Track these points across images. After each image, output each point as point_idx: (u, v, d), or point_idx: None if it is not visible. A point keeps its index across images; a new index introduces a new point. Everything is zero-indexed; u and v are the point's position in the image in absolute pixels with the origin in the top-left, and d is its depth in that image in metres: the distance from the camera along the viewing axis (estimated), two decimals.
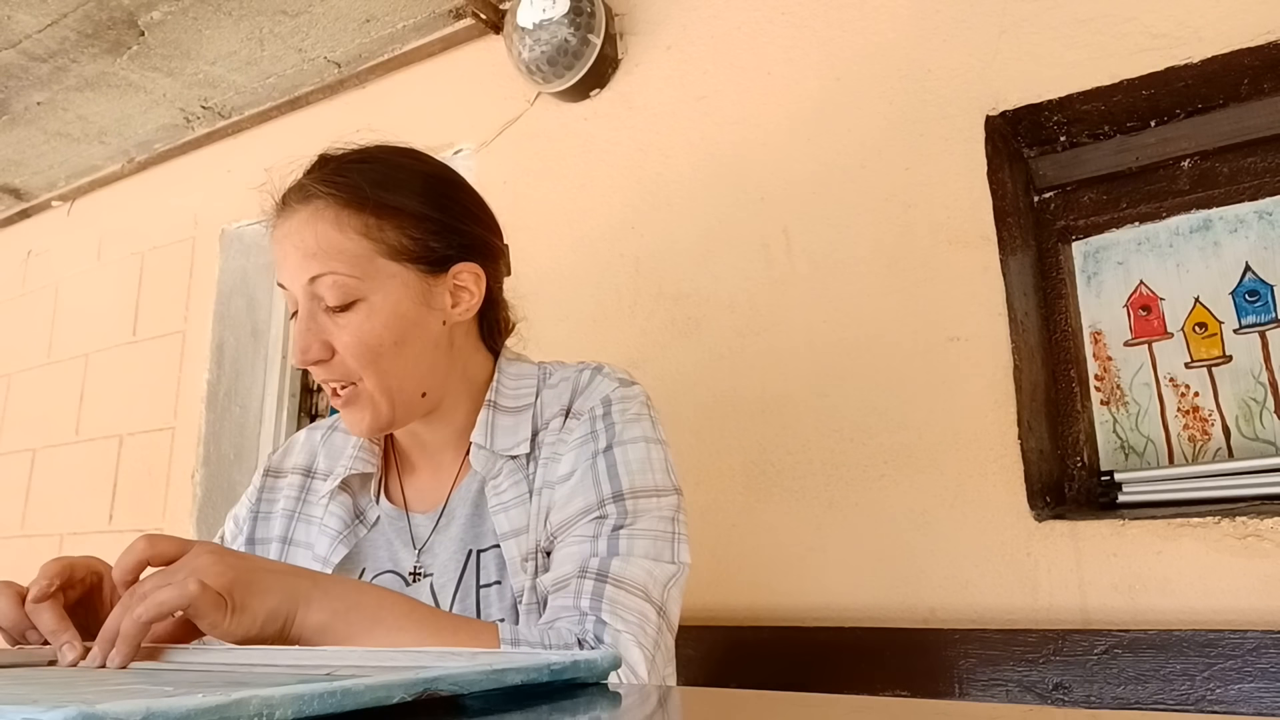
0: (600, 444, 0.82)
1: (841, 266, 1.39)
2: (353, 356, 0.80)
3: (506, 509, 0.82)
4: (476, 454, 0.85)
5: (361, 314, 0.80)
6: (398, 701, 0.36)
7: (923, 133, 1.36)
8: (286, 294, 0.84)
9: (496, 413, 0.86)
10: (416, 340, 0.83)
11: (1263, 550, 1.04)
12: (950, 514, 1.23)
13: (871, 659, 1.17)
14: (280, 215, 0.85)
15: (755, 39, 1.55)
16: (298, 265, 0.81)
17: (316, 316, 0.81)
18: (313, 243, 0.81)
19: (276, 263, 0.85)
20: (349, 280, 0.80)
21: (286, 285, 0.83)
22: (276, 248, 0.84)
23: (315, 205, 0.82)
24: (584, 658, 0.46)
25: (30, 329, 2.64)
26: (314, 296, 0.81)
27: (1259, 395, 1.24)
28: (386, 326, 0.81)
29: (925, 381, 1.29)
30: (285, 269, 0.83)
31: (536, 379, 0.90)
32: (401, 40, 1.95)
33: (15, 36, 1.88)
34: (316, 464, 0.96)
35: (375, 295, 0.81)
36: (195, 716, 0.30)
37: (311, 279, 0.80)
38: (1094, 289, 1.38)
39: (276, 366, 2.23)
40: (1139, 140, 1.33)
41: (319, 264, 0.80)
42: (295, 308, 0.83)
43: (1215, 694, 0.98)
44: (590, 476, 0.80)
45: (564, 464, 0.82)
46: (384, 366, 0.81)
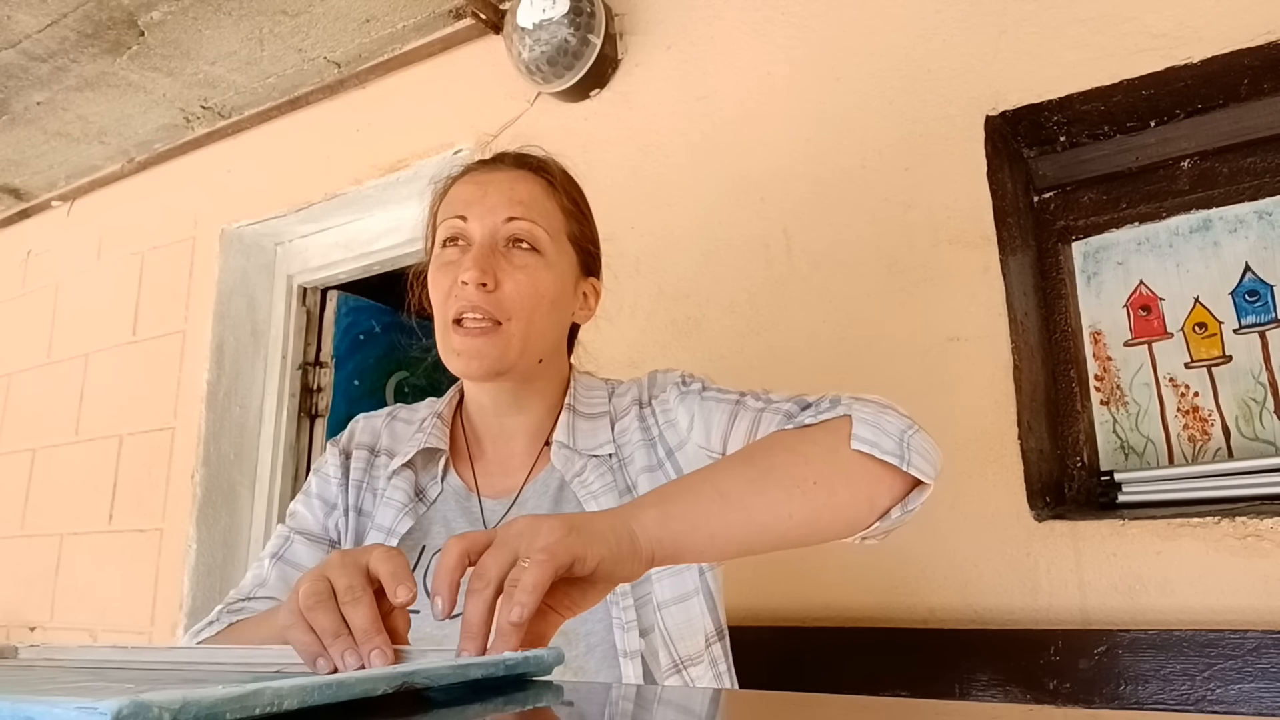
0: (696, 389, 0.91)
1: (841, 266, 1.39)
2: (519, 293, 0.86)
3: (596, 497, 0.88)
4: (559, 452, 0.91)
5: (541, 264, 0.89)
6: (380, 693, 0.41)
7: (923, 133, 1.36)
8: (457, 225, 0.89)
9: (576, 417, 0.93)
10: (561, 312, 0.92)
11: (1263, 550, 1.04)
12: (950, 514, 1.23)
13: (871, 659, 1.17)
14: (481, 168, 0.93)
15: (755, 39, 1.55)
16: (501, 203, 0.88)
17: (496, 251, 0.87)
18: (524, 193, 0.90)
19: (459, 200, 0.90)
20: (542, 233, 0.89)
21: (472, 218, 0.88)
22: (470, 188, 0.91)
23: (525, 172, 0.92)
24: (534, 654, 0.50)
25: (30, 329, 2.64)
26: (502, 235, 0.88)
27: (1259, 395, 1.24)
28: (553, 284, 0.90)
29: (925, 381, 1.29)
30: (481, 204, 0.88)
31: (606, 391, 0.98)
32: (401, 40, 1.95)
33: (15, 36, 1.88)
34: (380, 443, 0.99)
35: (553, 256, 0.90)
36: (223, 705, 0.33)
37: (512, 218, 0.88)
38: (1094, 289, 1.38)
39: (276, 366, 2.23)
40: (1139, 140, 1.33)
41: (524, 209, 0.88)
42: (453, 235, 0.89)
43: (1215, 694, 0.98)
44: (710, 402, 0.88)
45: (681, 420, 0.90)
46: (534, 316, 0.88)
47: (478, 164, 0.95)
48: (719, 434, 0.86)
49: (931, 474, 0.74)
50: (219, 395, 2.16)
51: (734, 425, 0.85)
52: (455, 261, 0.87)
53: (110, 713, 0.30)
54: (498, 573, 0.54)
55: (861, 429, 0.72)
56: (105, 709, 0.30)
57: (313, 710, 0.37)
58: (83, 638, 2.17)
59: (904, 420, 0.75)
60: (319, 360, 2.28)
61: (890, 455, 0.71)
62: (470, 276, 0.84)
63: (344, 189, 2.04)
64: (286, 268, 2.30)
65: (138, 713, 0.30)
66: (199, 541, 2.05)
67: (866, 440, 0.71)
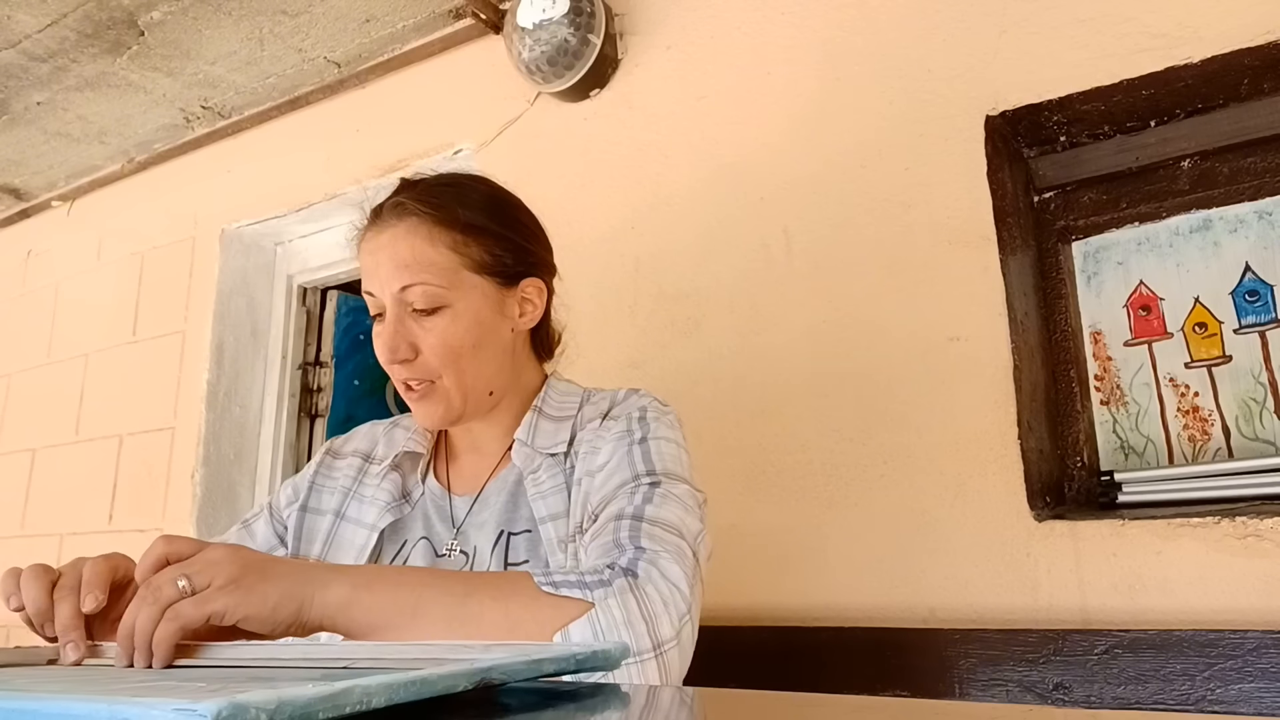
0: (635, 436, 0.90)
1: (841, 266, 1.39)
2: (436, 356, 0.89)
3: (544, 496, 0.90)
4: (519, 450, 0.94)
5: (447, 319, 0.90)
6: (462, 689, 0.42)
7: (923, 133, 1.36)
8: (372, 300, 0.92)
9: (541, 418, 0.96)
10: (491, 345, 0.93)
11: (1263, 550, 1.04)
12: (950, 514, 1.23)
13: (871, 659, 1.17)
14: (373, 228, 0.93)
15: (755, 39, 1.55)
16: (391, 274, 0.89)
17: (404, 321, 0.90)
18: (407, 255, 0.89)
19: (365, 271, 0.93)
20: (438, 289, 0.89)
21: (375, 292, 0.91)
22: (368, 258, 0.92)
23: (410, 222, 0.91)
24: (600, 649, 0.52)
25: (30, 329, 2.64)
26: (403, 303, 0.90)
27: (1259, 395, 1.24)
28: (468, 331, 0.91)
29: (925, 381, 1.29)
30: (377, 277, 0.91)
31: (580, 398, 1.00)
32: (401, 40, 1.95)
33: (15, 36, 1.88)
34: (376, 451, 1.04)
35: (460, 303, 0.90)
36: (316, 704, 0.34)
37: (404, 287, 0.89)
38: (1094, 289, 1.38)
39: (276, 366, 2.23)
40: (1139, 140, 1.33)
41: (411, 274, 0.89)
42: (379, 312, 0.91)
43: (1215, 694, 0.98)
44: (627, 460, 0.88)
45: (601, 454, 0.90)
46: (462, 366, 0.91)
47: (371, 219, 0.95)
48: (599, 498, 0.86)
49: None
50: (219, 395, 2.16)
51: (608, 503, 0.84)
52: (380, 334, 0.91)
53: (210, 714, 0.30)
54: (168, 594, 0.62)
55: (579, 630, 0.69)
56: (204, 710, 0.30)
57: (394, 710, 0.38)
58: None
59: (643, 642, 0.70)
60: (319, 360, 2.28)
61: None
62: (384, 358, 0.90)
63: (344, 189, 2.04)
64: (286, 268, 2.30)
65: (236, 714, 0.31)
66: None
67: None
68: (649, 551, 0.76)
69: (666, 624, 0.72)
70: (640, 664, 0.70)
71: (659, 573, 0.74)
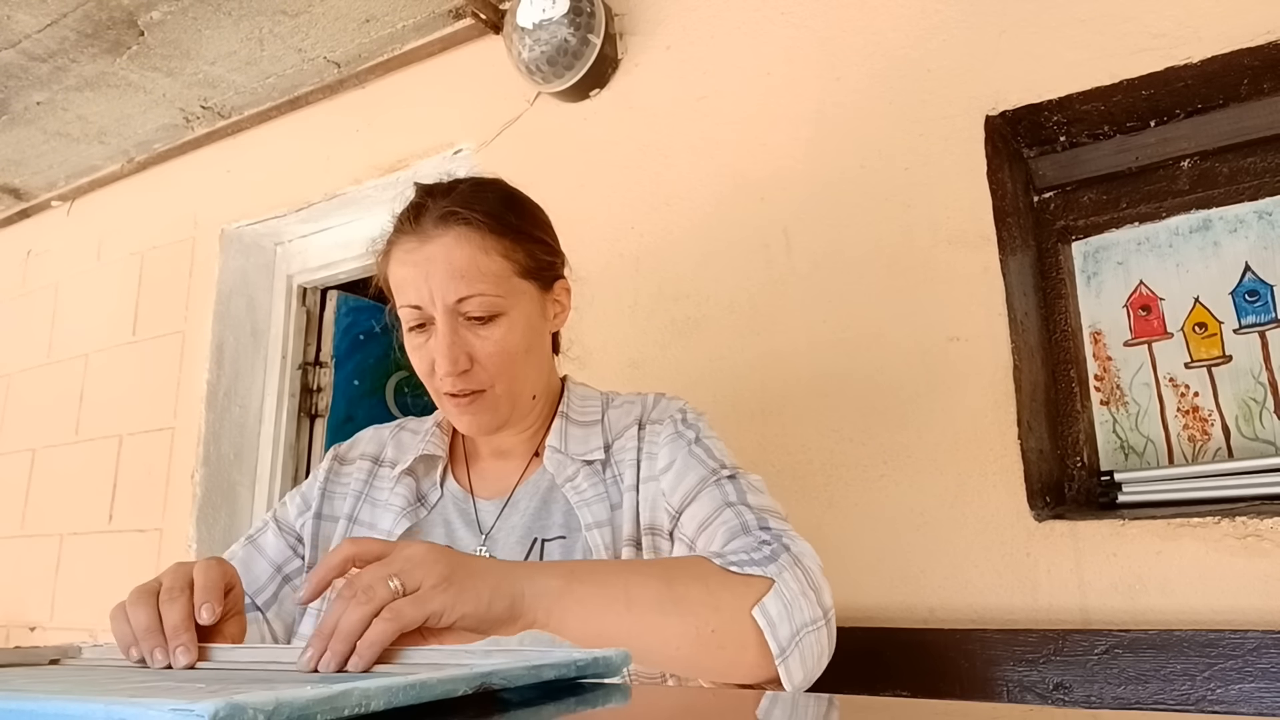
0: (690, 437, 0.91)
1: (841, 266, 1.39)
2: (494, 364, 0.89)
3: (589, 504, 0.90)
4: (551, 456, 0.93)
5: (504, 327, 0.89)
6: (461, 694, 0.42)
7: (923, 133, 1.36)
8: (416, 312, 0.89)
9: (569, 424, 0.96)
10: (538, 349, 0.94)
11: (1263, 550, 1.04)
12: (950, 514, 1.23)
13: (871, 659, 1.17)
14: (412, 238, 0.90)
15: (755, 39, 1.55)
16: (446, 285, 0.87)
17: (459, 331, 0.88)
18: (463, 265, 0.87)
19: (407, 282, 0.89)
20: (495, 298, 0.88)
21: (423, 304, 0.88)
22: (410, 270, 0.89)
23: (459, 230, 0.89)
24: (603, 655, 0.51)
25: (30, 329, 2.64)
26: (458, 314, 0.88)
27: (1259, 395, 1.24)
28: (523, 337, 0.91)
29: (925, 381, 1.29)
30: (427, 288, 0.88)
31: (601, 401, 1.00)
32: (401, 40, 1.95)
33: (15, 36, 1.88)
34: (385, 454, 1.02)
35: (514, 310, 0.90)
36: (314, 706, 0.34)
37: (461, 299, 0.87)
38: (1094, 289, 1.38)
39: (276, 366, 2.23)
40: (1139, 140, 1.33)
41: (469, 285, 0.87)
42: (422, 323, 0.89)
43: (1215, 694, 0.98)
44: (693, 459, 0.89)
45: (661, 458, 0.91)
46: (516, 373, 0.91)
47: (405, 228, 0.92)
48: (681, 494, 0.87)
49: (800, 682, 0.73)
50: (219, 395, 2.16)
51: (697, 497, 0.86)
52: (426, 345, 0.90)
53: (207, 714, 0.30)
54: (381, 595, 0.59)
55: (773, 603, 0.72)
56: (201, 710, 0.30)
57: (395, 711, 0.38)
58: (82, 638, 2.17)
59: (816, 610, 0.74)
60: (319, 360, 2.28)
61: (775, 645, 0.71)
62: (443, 370, 0.87)
63: (344, 189, 2.04)
64: (286, 268, 2.30)
65: (233, 715, 0.31)
66: (199, 541, 2.05)
67: (769, 618, 0.71)
68: (781, 531, 0.80)
69: (826, 592, 0.77)
70: (815, 631, 0.73)
71: (803, 548, 0.79)
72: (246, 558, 0.96)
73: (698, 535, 0.84)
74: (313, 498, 1.00)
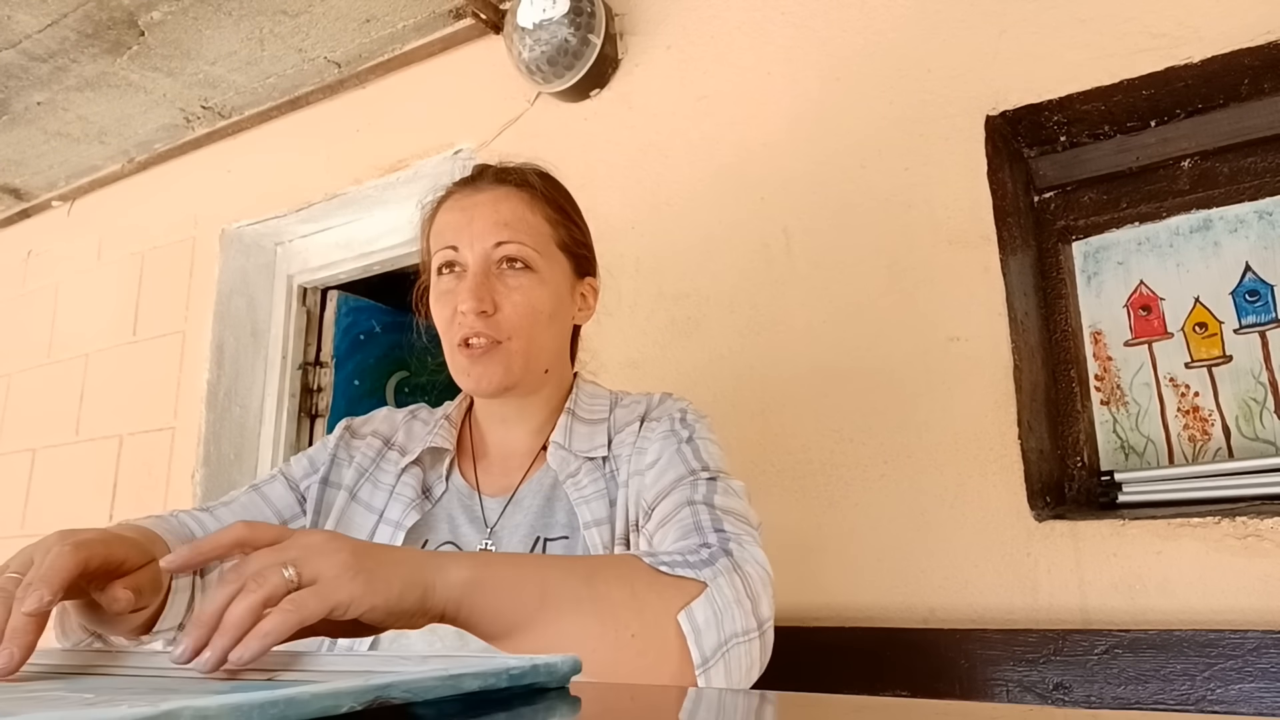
0: (682, 436, 0.90)
1: (841, 266, 1.39)
2: (517, 314, 0.90)
3: (588, 501, 0.89)
4: (555, 453, 0.93)
5: (534, 281, 0.92)
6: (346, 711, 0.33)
7: (923, 133, 1.36)
8: (451, 254, 0.92)
9: (575, 421, 0.96)
10: (559, 322, 0.96)
11: (1263, 550, 1.04)
12: (950, 514, 1.23)
13: (871, 659, 1.17)
14: (464, 190, 0.96)
15: (755, 39, 1.55)
16: (487, 229, 0.91)
17: (489, 276, 0.91)
18: (508, 214, 0.92)
19: (448, 227, 0.93)
20: (531, 251, 0.92)
21: (461, 245, 0.91)
22: (456, 215, 0.94)
23: (508, 188, 0.94)
24: (544, 662, 0.43)
25: (30, 329, 2.64)
26: (493, 259, 0.91)
27: (1259, 395, 1.24)
28: (549, 298, 0.93)
29: (925, 381, 1.29)
30: (468, 231, 0.92)
31: (609, 400, 1.00)
32: (401, 40, 1.95)
33: (15, 36, 1.88)
34: (396, 437, 1.01)
35: (545, 271, 0.93)
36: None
37: (499, 243, 0.91)
38: (1094, 289, 1.38)
39: (276, 366, 2.23)
40: (1139, 140, 1.33)
41: (510, 232, 0.91)
42: (452, 265, 0.92)
43: (1215, 694, 0.98)
44: (678, 457, 0.88)
45: (649, 454, 0.90)
46: (535, 332, 0.92)
47: (460, 185, 0.98)
48: (655, 491, 0.85)
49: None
50: (219, 395, 2.16)
51: (669, 494, 0.84)
52: (453, 290, 0.91)
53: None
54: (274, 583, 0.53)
55: (701, 609, 0.67)
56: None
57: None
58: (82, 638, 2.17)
59: (750, 621, 0.70)
60: (319, 360, 2.28)
61: (698, 653, 0.66)
62: (467, 306, 0.88)
63: (344, 189, 2.04)
64: (286, 268, 2.30)
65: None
66: None
67: (695, 625, 0.66)
68: (733, 535, 0.77)
69: (765, 603, 0.73)
70: (746, 643, 0.70)
71: (749, 554, 0.76)
72: (249, 504, 0.95)
73: (655, 532, 0.82)
74: (321, 462, 0.99)
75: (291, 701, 0.31)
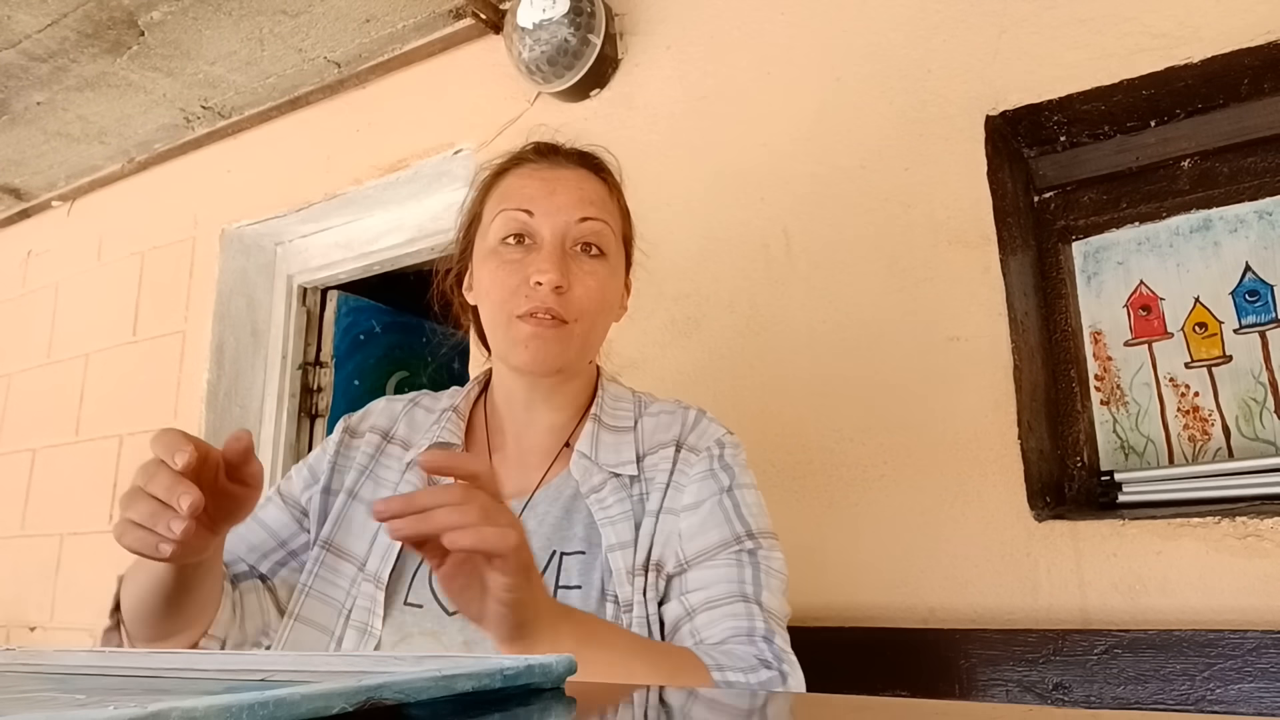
0: (724, 483, 0.88)
1: (841, 266, 1.39)
2: (587, 300, 0.87)
3: (614, 522, 0.85)
4: (579, 462, 0.89)
5: (607, 269, 0.90)
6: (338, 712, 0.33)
7: (923, 133, 1.36)
8: (525, 220, 0.87)
9: (601, 428, 0.92)
10: (612, 315, 0.95)
11: (1263, 550, 1.04)
12: (950, 514, 1.23)
13: (871, 659, 1.17)
14: (543, 162, 0.92)
15: (755, 39, 1.55)
16: (574, 204, 0.88)
17: (566, 252, 0.87)
18: (593, 195, 0.90)
19: (525, 193, 0.89)
20: (610, 237, 0.91)
21: (539, 213, 0.87)
22: (538, 183, 0.90)
23: (587, 173, 0.93)
24: (539, 662, 0.43)
25: (30, 329, 2.64)
26: (571, 237, 0.88)
27: (1259, 395, 1.24)
28: (613, 289, 0.92)
29: (925, 381, 1.29)
30: (551, 202, 0.88)
31: (633, 405, 0.96)
32: (401, 40, 1.95)
33: (15, 36, 1.88)
34: (396, 430, 0.97)
35: (613, 261, 0.92)
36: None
37: (585, 219, 0.88)
38: (1094, 289, 1.38)
39: (276, 366, 2.23)
40: (1139, 140, 1.33)
41: (598, 210, 0.89)
42: (517, 233, 0.88)
43: (1215, 694, 0.98)
44: (720, 512, 0.86)
45: (688, 494, 0.87)
46: (596, 321, 0.90)
47: (535, 155, 0.94)
48: (695, 549, 0.84)
49: None
50: (219, 395, 2.16)
51: (712, 562, 0.83)
52: (520, 260, 0.87)
53: None
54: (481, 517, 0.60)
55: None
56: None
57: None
58: (83, 638, 2.17)
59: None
60: (319, 360, 2.28)
61: None
62: (549, 280, 0.84)
63: (344, 189, 2.04)
64: (286, 268, 2.30)
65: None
66: None
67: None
68: (783, 652, 0.80)
69: None
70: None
71: (798, 678, 0.79)
72: (244, 530, 0.91)
73: (701, 609, 0.81)
74: (321, 471, 0.95)
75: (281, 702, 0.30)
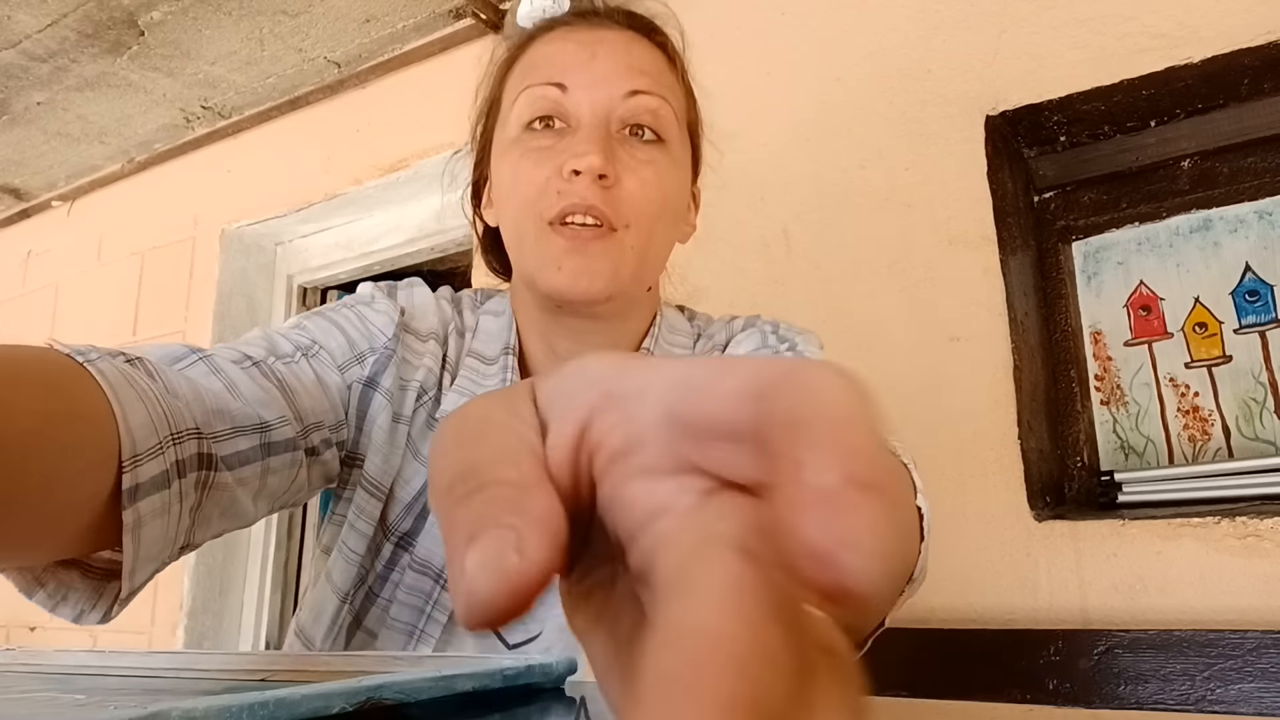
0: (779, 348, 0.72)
1: (841, 266, 1.39)
2: (639, 197, 0.65)
3: None
4: None
5: (666, 159, 0.67)
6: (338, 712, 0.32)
7: (923, 133, 1.36)
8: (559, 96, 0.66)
9: None
10: (679, 224, 0.73)
11: (1263, 550, 1.04)
12: (950, 514, 1.23)
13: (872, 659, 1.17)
14: (583, 24, 0.70)
15: (755, 39, 1.55)
16: (617, 71, 0.66)
17: (611, 138, 0.66)
18: (646, 62, 0.68)
19: (555, 57, 0.68)
20: (670, 117, 0.68)
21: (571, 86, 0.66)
22: (573, 48, 0.68)
23: (634, 35, 0.70)
24: (539, 662, 0.42)
25: (30, 329, 2.64)
26: (619, 116, 0.66)
27: (1259, 395, 1.24)
28: (677, 186, 0.70)
29: (925, 381, 1.29)
30: (588, 72, 0.66)
31: (691, 334, 0.79)
32: (401, 40, 1.95)
33: (15, 36, 1.88)
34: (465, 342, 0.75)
35: (676, 153, 0.69)
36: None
37: (635, 92, 0.66)
38: (1094, 289, 1.38)
39: None
40: (1139, 140, 1.33)
41: (650, 82, 0.67)
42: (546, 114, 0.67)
43: (1215, 694, 0.98)
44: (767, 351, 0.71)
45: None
46: (656, 226, 0.67)
47: (567, 18, 0.71)
48: None
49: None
50: None
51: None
52: (551, 146, 0.65)
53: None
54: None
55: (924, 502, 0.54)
56: None
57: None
58: (83, 638, 2.17)
59: None
60: None
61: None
62: (588, 164, 0.62)
63: (344, 189, 2.04)
64: (286, 268, 2.30)
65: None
66: None
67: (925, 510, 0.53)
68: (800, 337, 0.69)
69: None
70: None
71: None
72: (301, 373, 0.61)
73: None
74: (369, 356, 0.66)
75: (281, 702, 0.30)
